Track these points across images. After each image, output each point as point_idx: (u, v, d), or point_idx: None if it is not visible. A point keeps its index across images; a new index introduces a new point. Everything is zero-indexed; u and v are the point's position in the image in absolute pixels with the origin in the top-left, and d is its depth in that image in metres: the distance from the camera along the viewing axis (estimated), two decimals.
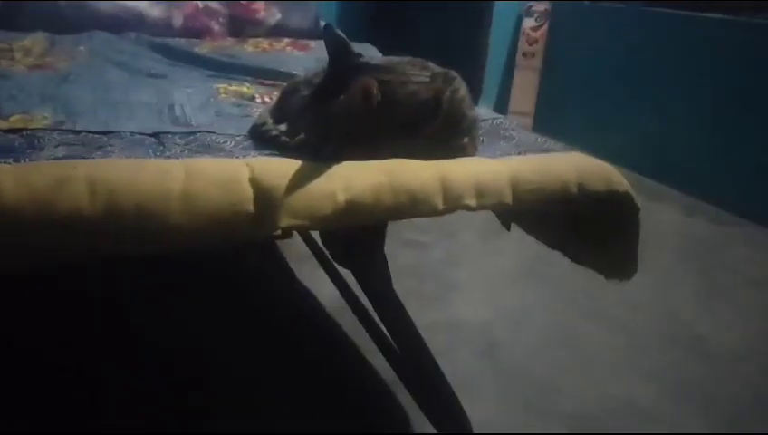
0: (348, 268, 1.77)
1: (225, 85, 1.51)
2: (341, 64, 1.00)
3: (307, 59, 1.84)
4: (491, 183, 0.97)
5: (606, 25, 3.67)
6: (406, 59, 1.09)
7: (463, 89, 1.04)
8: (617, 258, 1.16)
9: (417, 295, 2.07)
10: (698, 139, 3.20)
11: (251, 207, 0.82)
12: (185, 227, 0.78)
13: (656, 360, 1.86)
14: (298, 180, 0.86)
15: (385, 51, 1.87)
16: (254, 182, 0.83)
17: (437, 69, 1.06)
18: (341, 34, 1.01)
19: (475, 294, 2.13)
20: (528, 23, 3.91)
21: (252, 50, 1.99)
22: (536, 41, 3.92)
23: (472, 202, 0.95)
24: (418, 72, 1.02)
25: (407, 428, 1.45)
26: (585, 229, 1.16)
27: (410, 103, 0.97)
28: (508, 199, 0.98)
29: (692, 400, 1.69)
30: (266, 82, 1.57)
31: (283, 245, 2.28)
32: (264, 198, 0.83)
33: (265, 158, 0.93)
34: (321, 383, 1.59)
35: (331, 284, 1.89)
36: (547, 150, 1.14)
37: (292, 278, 2.11)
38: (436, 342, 1.82)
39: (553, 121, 3.81)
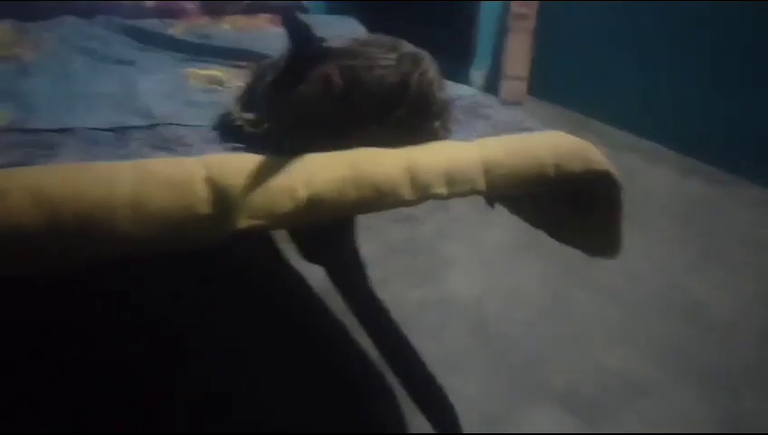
0: (318, 264, 1.73)
1: (195, 70, 1.46)
2: (302, 50, 0.95)
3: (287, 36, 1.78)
4: (462, 170, 0.93)
5: None
6: (374, 39, 1.04)
7: (432, 70, 0.99)
8: (600, 237, 1.13)
9: (410, 272, 2.05)
10: (695, 98, 3.13)
11: (207, 210, 0.78)
12: (135, 234, 0.75)
13: (651, 329, 1.84)
14: (256, 178, 0.82)
15: (374, 18, 1.81)
16: (209, 182, 0.80)
17: (407, 49, 1.01)
18: (303, 19, 0.96)
19: (468, 269, 2.10)
20: None
21: (228, 28, 1.92)
22: (529, 0, 3.81)
23: (442, 191, 0.91)
24: (385, 55, 0.97)
25: (398, 415, 1.43)
26: (567, 209, 1.13)
27: (376, 89, 0.93)
28: (481, 186, 0.95)
29: (687, 370, 1.68)
30: (240, 64, 1.52)
31: None
32: (221, 198, 0.79)
33: (222, 155, 0.89)
34: (310, 369, 1.57)
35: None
36: (525, 130, 1.10)
37: (281, 260, 2.08)
38: (427, 319, 1.82)
39: (549, 85, 3.74)
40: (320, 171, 0.85)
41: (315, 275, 1.89)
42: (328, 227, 1.44)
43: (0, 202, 0.70)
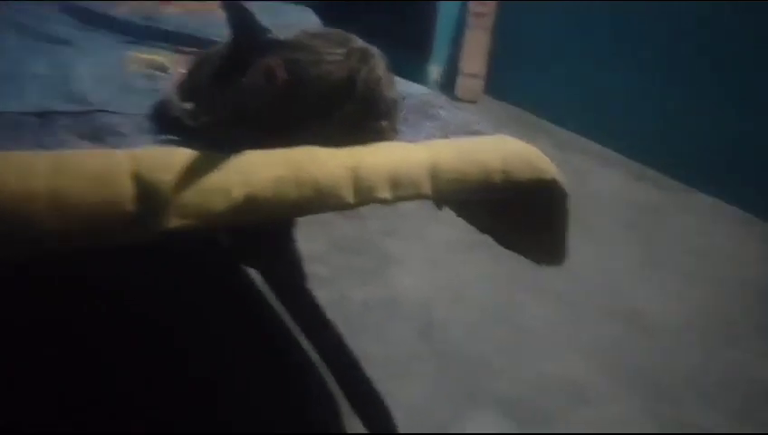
0: (254, 268, 1.68)
1: (137, 53, 1.39)
2: (245, 41, 0.90)
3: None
4: (408, 173, 0.91)
5: None
6: (322, 32, 1.00)
7: (381, 67, 0.96)
8: (545, 245, 1.12)
9: (355, 270, 2.02)
10: (647, 104, 3.18)
11: (131, 207, 0.73)
12: (53, 230, 0.70)
13: (594, 335, 1.86)
14: (189, 175, 0.77)
15: (332, 10, 1.76)
16: (136, 177, 0.75)
17: (357, 44, 0.97)
18: (245, 6, 0.92)
19: (415, 268, 2.09)
20: None
21: (176, 11, 1.85)
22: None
23: (386, 195, 0.88)
24: (333, 50, 0.93)
25: (338, 418, 1.40)
26: (513, 215, 1.12)
27: (321, 84, 0.89)
28: (427, 190, 0.92)
29: (628, 377, 1.70)
30: (185, 49, 1.45)
31: None
32: (148, 195, 0.74)
33: (153, 148, 0.84)
34: (250, 370, 1.53)
35: None
36: (474, 133, 1.08)
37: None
38: (371, 320, 1.80)
39: (505, 85, 3.75)
40: (258, 170, 0.81)
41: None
42: (264, 229, 1.39)
43: None
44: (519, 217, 1.11)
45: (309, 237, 1.83)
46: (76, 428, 1.26)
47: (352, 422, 1.38)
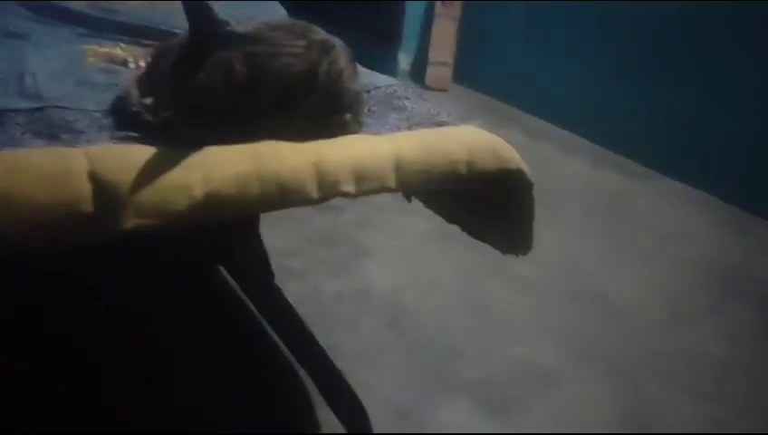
0: (219, 264, 1.66)
1: (95, 47, 1.35)
2: (203, 34, 0.89)
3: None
4: (372, 166, 0.90)
5: None
6: (284, 24, 0.99)
7: (343, 59, 0.95)
8: (511, 234, 1.13)
9: (328, 263, 2.02)
10: (611, 90, 3.22)
11: (88, 207, 0.72)
12: (6, 233, 0.68)
13: (560, 319, 1.89)
14: (148, 173, 0.76)
15: (301, 4, 1.74)
16: (92, 176, 0.73)
17: (319, 36, 0.96)
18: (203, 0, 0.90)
19: (387, 260, 2.08)
20: None
21: (135, 2, 1.80)
22: None
23: (350, 189, 0.88)
24: (293, 42, 0.92)
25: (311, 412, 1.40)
26: (479, 205, 1.12)
27: (281, 78, 0.88)
28: (391, 183, 0.92)
29: (595, 359, 1.73)
30: (145, 42, 1.42)
31: None
32: (105, 195, 0.73)
33: (110, 146, 0.82)
34: (222, 366, 1.51)
35: None
36: (439, 124, 1.07)
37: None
38: (344, 311, 1.79)
39: (474, 73, 3.76)
40: (219, 166, 0.80)
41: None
42: (230, 225, 1.37)
43: None
44: (485, 206, 1.12)
45: (281, 230, 1.81)
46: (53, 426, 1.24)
47: (325, 414, 1.38)
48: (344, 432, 1.34)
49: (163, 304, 1.67)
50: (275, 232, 1.83)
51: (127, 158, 0.77)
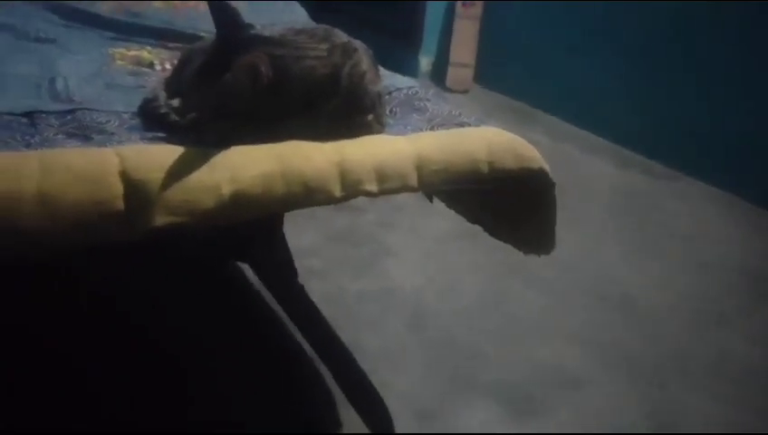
0: (245, 262, 1.68)
1: (122, 50, 1.39)
2: (229, 37, 0.91)
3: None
4: (394, 166, 0.92)
5: None
6: (308, 28, 1.01)
7: (365, 62, 0.97)
8: (533, 234, 1.13)
9: (350, 262, 2.03)
10: (635, 91, 3.19)
11: (120, 205, 0.74)
12: (42, 231, 0.70)
13: (584, 321, 1.88)
14: (176, 172, 0.78)
15: (323, 4, 1.76)
16: (124, 176, 0.75)
17: (341, 40, 0.98)
18: (229, 3, 0.92)
19: (409, 260, 2.09)
20: None
21: (160, 6, 1.84)
22: None
23: (373, 188, 0.89)
24: (316, 45, 0.94)
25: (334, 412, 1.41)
26: (500, 205, 1.13)
27: (305, 80, 0.90)
28: (413, 182, 0.93)
29: (619, 362, 1.71)
30: (171, 45, 1.45)
31: None
32: (136, 193, 0.75)
33: (141, 145, 0.85)
34: (245, 365, 1.53)
35: None
36: (460, 125, 1.08)
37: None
38: (366, 311, 1.81)
39: (495, 74, 3.75)
40: (245, 166, 0.82)
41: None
42: (256, 224, 1.39)
43: None
44: (507, 207, 1.13)
45: (304, 230, 1.83)
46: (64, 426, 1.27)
47: (348, 414, 1.39)
48: (367, 432, 1.35)
49: (186, 302, 1.70)
50: (297, 231, 1.85)
51: (157, 157, 0.79)
